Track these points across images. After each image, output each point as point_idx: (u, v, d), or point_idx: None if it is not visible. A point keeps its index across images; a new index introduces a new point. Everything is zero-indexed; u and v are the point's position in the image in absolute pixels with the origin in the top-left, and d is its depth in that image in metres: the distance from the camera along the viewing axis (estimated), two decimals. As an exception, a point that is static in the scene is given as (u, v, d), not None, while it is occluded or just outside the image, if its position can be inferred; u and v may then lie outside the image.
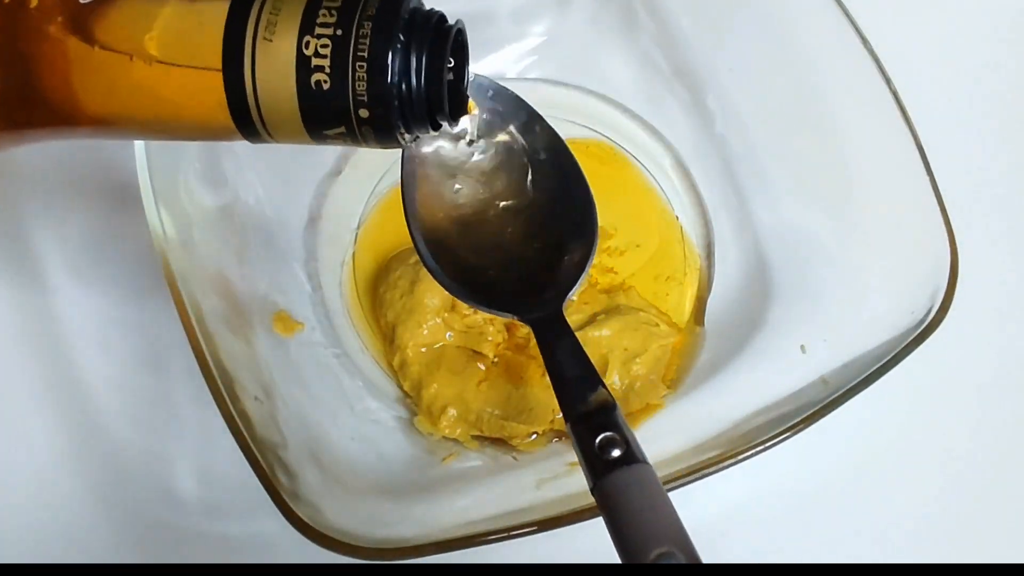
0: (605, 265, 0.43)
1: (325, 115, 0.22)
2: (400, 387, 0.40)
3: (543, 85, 0.48)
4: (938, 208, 0.35)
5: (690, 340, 0.42)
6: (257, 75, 0.22)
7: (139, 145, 0.32)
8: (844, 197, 0.39)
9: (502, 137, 0.33)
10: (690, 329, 0.42)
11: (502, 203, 0.33)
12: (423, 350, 0.39)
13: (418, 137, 0.25)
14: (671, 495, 0.30)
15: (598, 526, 0.28)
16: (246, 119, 0.22)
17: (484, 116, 0.33)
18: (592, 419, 0.26)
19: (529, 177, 0.33)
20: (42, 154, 0.44)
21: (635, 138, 0.47)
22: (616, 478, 0.25)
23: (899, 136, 0.36)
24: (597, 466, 0.25)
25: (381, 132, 0.23)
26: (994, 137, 0.48)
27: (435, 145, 0.33)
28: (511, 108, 0.33)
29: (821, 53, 0.39)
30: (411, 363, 0.39)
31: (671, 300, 0.43)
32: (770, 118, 0.42)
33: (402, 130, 0.23)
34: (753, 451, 0.31)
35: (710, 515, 0.38)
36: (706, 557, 0.23)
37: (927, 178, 0.36)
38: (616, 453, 0.25)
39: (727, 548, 0.38)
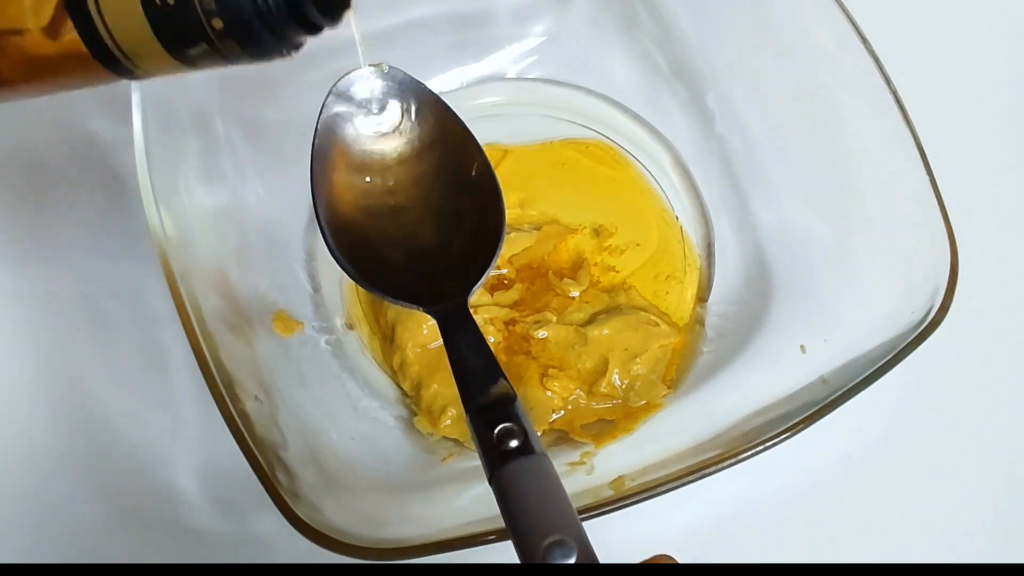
0: (606, 264, 0.43)
1: (180, 33, 0.20)
2: (400, 387, 0.40)
3: (543, 85, 0.48)
4: (938, 208, 0.35)
5: (690, 340, 0.42)
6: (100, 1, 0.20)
7: (139, 145, 0.32)
8: (844, 197, 0.39)
9: (413, 129, 0.33)
10: (690, 329, 0.42)
11: (410, 194, 0.33)
12: (423, 349, 0.40)
13: (300, 45, 0.22)
14: (671, 495, 0.31)
15: (597, 526, 0.28)
16: (103, 51, 0.21)
17: (400, 106, 0.32)
18: (492, 411, 0.27)
19: (439, 171, 0.33)
20: (43, 154, 0.44)
21: (635, 138, 0.47)
22: (512, 468, 0.25)
23: (899, 136, 0.36)
24: (494, 457, 0.26)
25: (246, 42, 0.21)
26: (994, 137, 0.48)
27: (348, 128, 0.32)
28: (422, 100, 0.33)
29: (821, 53, 0.39)
30: (411, 363, 0.39)
31: (671, 299, 0.43)
32: (770, 118, 0.42)
33: (272, 37, 0.21)
34: (753, 451, 0.31)
35: (710, 515, 0.38)
36: (706, 557, 0.23)
37: (927, 178, 0.36)
38: (513, 444, 0.25)
39: (727, 548, 0.38)
